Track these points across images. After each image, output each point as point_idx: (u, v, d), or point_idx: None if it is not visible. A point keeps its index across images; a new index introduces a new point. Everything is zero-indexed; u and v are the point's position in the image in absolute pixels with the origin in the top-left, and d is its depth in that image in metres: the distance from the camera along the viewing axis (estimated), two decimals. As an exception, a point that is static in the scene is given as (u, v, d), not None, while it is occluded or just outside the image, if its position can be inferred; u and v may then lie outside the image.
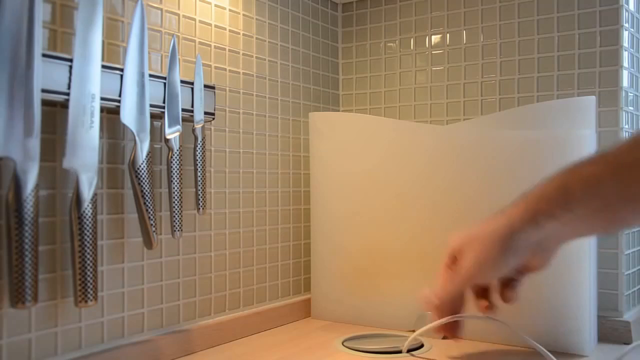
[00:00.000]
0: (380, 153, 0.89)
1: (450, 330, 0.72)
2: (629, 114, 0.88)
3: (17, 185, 0.54)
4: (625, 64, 0.86)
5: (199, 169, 0.75)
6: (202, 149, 0.75)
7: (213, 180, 0.82)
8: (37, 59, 0.55)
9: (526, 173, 0.79)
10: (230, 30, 0.85)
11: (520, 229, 0.61)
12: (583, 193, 0.57)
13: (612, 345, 0.81)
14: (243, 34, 0.88)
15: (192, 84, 0.74)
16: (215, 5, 0.83)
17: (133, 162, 0.66)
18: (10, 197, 0.54)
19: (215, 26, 0.83)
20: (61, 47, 0.63)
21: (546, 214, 0.59)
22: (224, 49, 0.84)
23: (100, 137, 0.66)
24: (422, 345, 0.79)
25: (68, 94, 0.59)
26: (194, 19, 0.80)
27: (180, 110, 0.72)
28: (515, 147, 0.80)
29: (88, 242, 0.60)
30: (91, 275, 0.60)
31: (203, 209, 0.76)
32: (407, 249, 0.87)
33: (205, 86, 0.76)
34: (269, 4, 0.93)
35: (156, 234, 0.68)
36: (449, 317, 0.74)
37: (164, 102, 0.70)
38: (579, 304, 0.76)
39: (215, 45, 0.83)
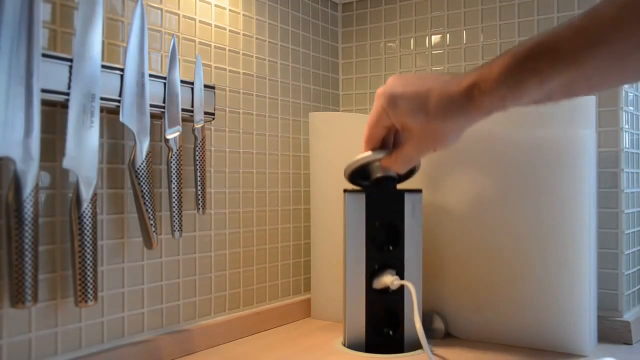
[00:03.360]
0: (380, 153, 0.89)
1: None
2: (629, 114, 0.88)
3: (17, 185, 0.54)
4: (625, 64, 0.86)
5: (198, 169, 0.75)
6: (202, 149, 0.75)
7: (213, 180, 0.82)
8: (37, 59, 0.55)
9: (526, 173, 0.79)
10: (230, 30, 0.86)
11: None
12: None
13: (612, 345, 0.81)
14: (243, 34, 0.88)
15: (192, 84, 0.74)
16: (215, 5, 0.83)
17: (133, 162, 0.66)
18: (10, 197, 0.54)
19: (215, 26, 0.83)
20: (61, 47, 0.63)
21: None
22: (224, 49, 0.84)
23: (100, 137, 0.66)
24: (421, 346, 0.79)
25: (68, 94, 0.59)
26: (194, 19, 0.80)
27: (180, 110, 0.72)
28: (515, 147, 0.80)
29: (88, 242, 0.60)
30: (91, 275, 0.60)
31: (203, 209, 0.76)
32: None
33: (205, 86, 0.76)
34: (269, 4, 0.93)
35: (156, 234, 0.68)
36: None
37: (164, 102, 0.70)
38: (579, 304, 0.76)
39: (215, 45, 0.83)
